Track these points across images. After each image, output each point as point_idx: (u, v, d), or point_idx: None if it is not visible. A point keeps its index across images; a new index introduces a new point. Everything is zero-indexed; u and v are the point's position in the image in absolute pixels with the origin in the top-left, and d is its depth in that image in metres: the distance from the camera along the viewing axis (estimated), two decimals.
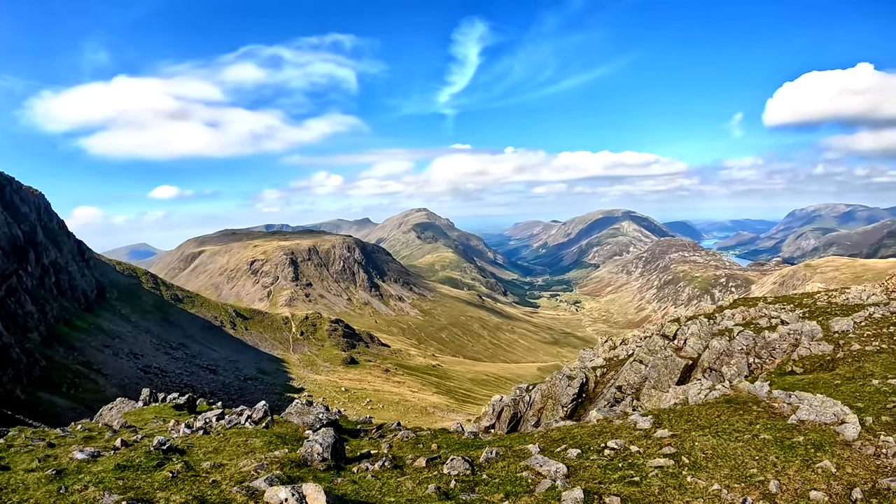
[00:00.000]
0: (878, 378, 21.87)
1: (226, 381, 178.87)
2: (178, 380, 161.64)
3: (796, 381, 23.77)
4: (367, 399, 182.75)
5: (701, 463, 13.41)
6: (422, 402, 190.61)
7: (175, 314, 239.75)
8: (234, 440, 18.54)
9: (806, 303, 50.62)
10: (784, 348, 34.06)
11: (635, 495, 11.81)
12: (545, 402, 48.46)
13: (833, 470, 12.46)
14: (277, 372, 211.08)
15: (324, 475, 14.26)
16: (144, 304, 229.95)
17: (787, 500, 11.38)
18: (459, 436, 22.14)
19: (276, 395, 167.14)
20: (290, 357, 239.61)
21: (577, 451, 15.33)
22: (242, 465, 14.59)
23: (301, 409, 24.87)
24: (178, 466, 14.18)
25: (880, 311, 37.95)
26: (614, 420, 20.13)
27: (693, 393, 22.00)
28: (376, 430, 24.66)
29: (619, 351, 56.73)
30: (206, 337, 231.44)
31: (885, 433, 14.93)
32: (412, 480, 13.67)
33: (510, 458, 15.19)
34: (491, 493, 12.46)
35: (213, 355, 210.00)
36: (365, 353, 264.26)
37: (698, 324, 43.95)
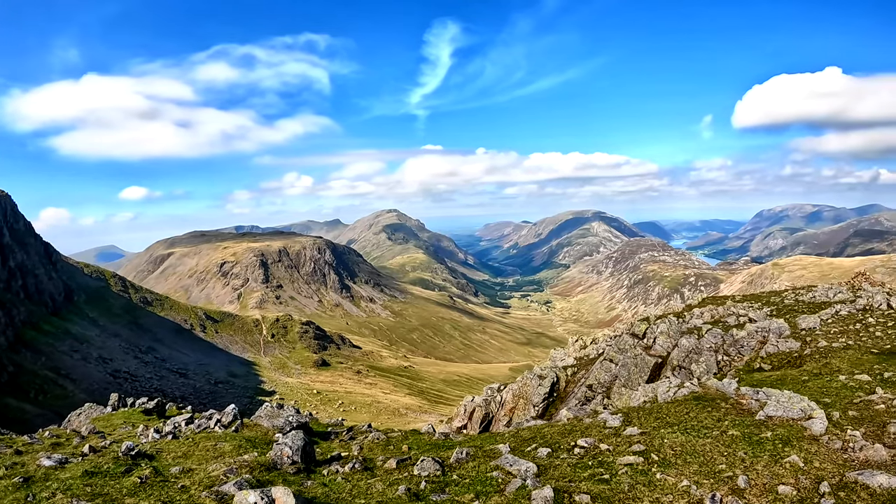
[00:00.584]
0: (844, 374, 22.12)
1: (196, 385, 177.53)
2: (148, 384, 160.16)
3: (764, 378, 23.97)
4: (339, 401, 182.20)
5: (670, 460, 13.44)
6: (394, 403, 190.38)
7: (144, 317, 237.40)
8: (203, 444, 18.34)
9: (773, 301, 51.12)
10: (752, 346, 34.38)
11: (605, 493, 11.81)
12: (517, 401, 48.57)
13: (801, 464, 12.55)
14: (248, 375, 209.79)
15: (293, 478, 14.13)
16: (113, 308, 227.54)
17: (755, 495, 11.43)
18: (430, 437, 22.06)
19: (248, 399, 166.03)
20: (262, 360, 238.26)
21: (548, 450, 15.31)
22: (212, 470, 14.43)
23: (271, 413, 24.67)
24: (146, 472, 13.99)
25: (847, 308, 38.49)
26: (584, 419, 20.15)
27: (662, 391, 22.11)
28: (347, 432, 24.51)
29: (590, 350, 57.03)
30: (176, 340, 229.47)
31: (851, 428, 15.09)
32: (382, 482, 13.58)
33: (480, 458, 15.12)
34: (461, 494, 12.39)
35: (184, 359, 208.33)
36: (336, 354, 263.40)
37: (667, 323, 44.25)
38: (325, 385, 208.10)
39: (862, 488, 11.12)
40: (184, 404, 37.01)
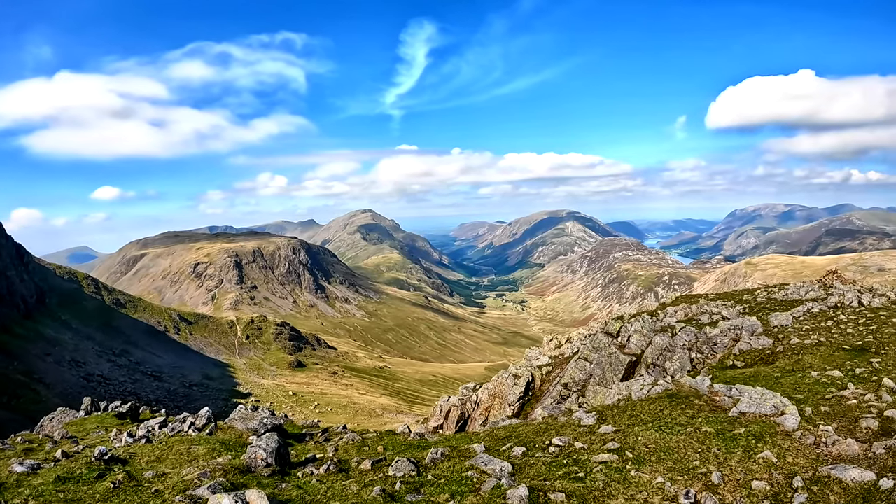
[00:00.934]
0: (816, 370, 22.32)
1: (171, 388, 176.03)
2: (122, 388, 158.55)
3: (737, 375, 24.13)
4: (315, 403, 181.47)
5: (644, 457, 13.50)
6: (370, 404, 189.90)
7: (117, 319, 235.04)
8: (176, 448, 18.21)
9: (746, 299, 51.57)
10: (725, 343, 34.63)
11: (580, 491, 11.83)
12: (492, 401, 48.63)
13: (774, 460, 12.64)
14: (223, 377, 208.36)
15: (268, 481, 14.04)
16: (86, 310, 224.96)
17: (729, 491, 11.51)
18: (406, 437, 22.03)
19: (223, 401, 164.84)
20: (236, 362, 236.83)
21: (523, 449, 15.32)
22: (185, 474, 14.32)
23: (245, 415, 24.54)
24: (119, 477, 13.86)
25: (818, 305, 38.88)
26: (559, 417, 20.19)
27: (636, 389, 22.18)
28: (322, 433, 24.43)
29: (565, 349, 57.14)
30: (150, 343, 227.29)
31: (824, 423, 15.23)
32: (357, 483, 13.51)
33: (455, 458, 15.10)
34: (436, 494, 12.36)
35: (158, 361, 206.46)
36: (312, 356, 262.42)
37: (641, 321, 44.48)
38: (300, 387, 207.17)
39: (835, 482, 11.23)
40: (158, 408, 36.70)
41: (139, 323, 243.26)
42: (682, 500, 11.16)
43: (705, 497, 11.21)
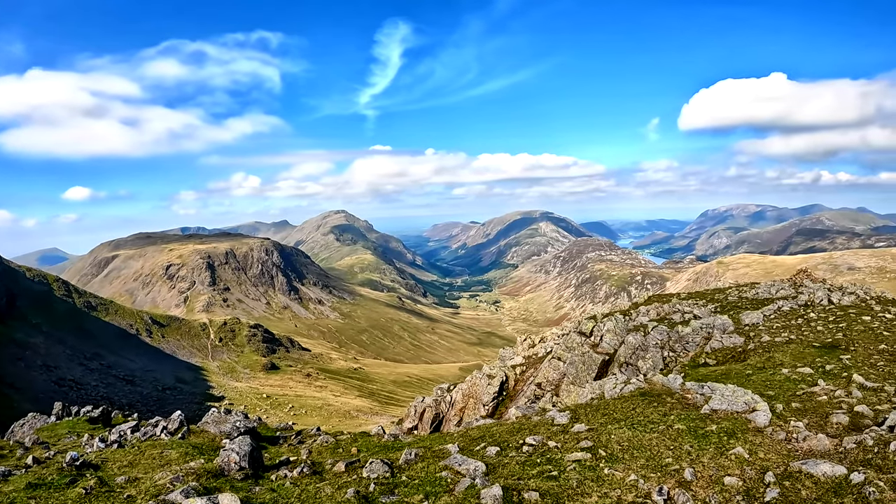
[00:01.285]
0: (787, 367, 22.56)
1: (144, 392, 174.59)
2: (94, 392, 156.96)
3: (709, 373, 24.33)
4: (289, 405, 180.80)
5: (617, 455, 13.54)
6: (345, 406, 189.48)
7: (89, 323, 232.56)
8: (149, 453, 18.03)
9: (718, 298, 51.93)
10: (697, 342, 34.86)
11: (554, 489, 11.83)
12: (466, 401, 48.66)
13: (746, 456, 12.75)
14: (197, 380, 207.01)
15: (241, 484, 13.92)
16: (57, 313, 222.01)
17: (702, 487, 11.57)
18: (380, 438, 21.98)
19: (196, 405, 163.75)
20: (210, 364, 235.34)
21: (497, 449, 15.31)
22: (158, 479, 14.16)
23: (218, 418, 24.35)
24: (91, 482, 13.68)
25: (789, 304, 39.28)
26: (533, 417, 20.22)
27: (609, 387, 22.27)
28: (296, 436, 24.34)
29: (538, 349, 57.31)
30: (122, 346, 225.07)
31: (795, 419, 15.39)
32: (331, 486, 13.43)
33: (430, 459, 15.07)
34: (410, 495, 12.32)
35: (130, 365, 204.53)
36: (286, 358, 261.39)
37: (614, 320, 44.68)
38: (274, 389, 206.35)
39: (806, 477, 11.32)
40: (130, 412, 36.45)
41: (111, 326, 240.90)
42: (656, 496, 11.21)
43: (678, 493, 11.26)
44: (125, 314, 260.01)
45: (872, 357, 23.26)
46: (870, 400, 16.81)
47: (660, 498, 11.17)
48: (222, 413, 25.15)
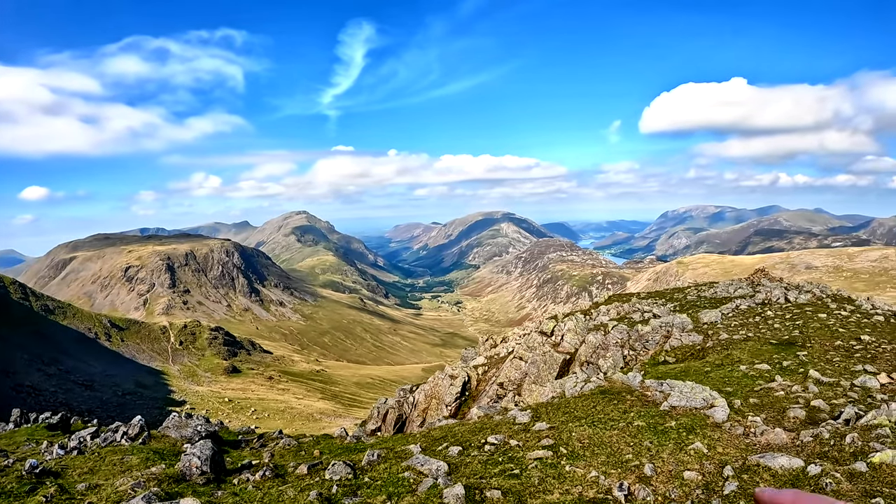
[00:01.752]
0: (745, 364, 22.88)
1: (103, 398, 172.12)
2: (53, 398, 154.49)
3: (668, 371, 24.56)
4: (251, 408, 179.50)
5: (578, 452, 13.65)
6: (307, 408, 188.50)
7: (47, 326, 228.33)
8: (109, 459, 17.79)
9: (677, 297, 52.59)
10: (657, 340, 35.20)
11: (516, 487, 11.90)
12: (429, 402, 48.62)
13: (705, 451, 12.91)
14: (157, 385, 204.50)
15: (203, 489, 13.81)
16: (14, 317, 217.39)
17: (662, 482, 11.70)
18: (342, 440, 21.99)
19: (157, 410, 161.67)
20: (170, 368, 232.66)
21: (459, 449, 15.35)
22: (119, 485, 13.99)
23: (179, 423, 24.12)
24: (51, 490, 13.47)
25: (747, 302, 39.88)
26: (495, 416, 20.29)
27: (570, 386, 22.42)
28: (258, 439, 24.27)
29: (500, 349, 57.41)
30: (81, 350, 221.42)
31: (752, 414, 15.62)
32: (294, 488, 13.37)
33: (392, 460, 15.08)
34: (373, 496, 12.30)
35: (89, 370, 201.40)
36: (247, 360, 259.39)
37: (575, 320, 44.96)
38: (236, 392, 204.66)
39: (764, 470, 11.49)
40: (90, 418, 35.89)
41: (69, 330, 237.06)
42: (616, 492, 11.31)
43: (638, 489, 11.37)
44: (84, 318, 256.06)
45: (828, 353, 23.68)
46: (826, 395, 17.10)
47: (620, 494, 11.26)
48: (183, 417, 24.95)
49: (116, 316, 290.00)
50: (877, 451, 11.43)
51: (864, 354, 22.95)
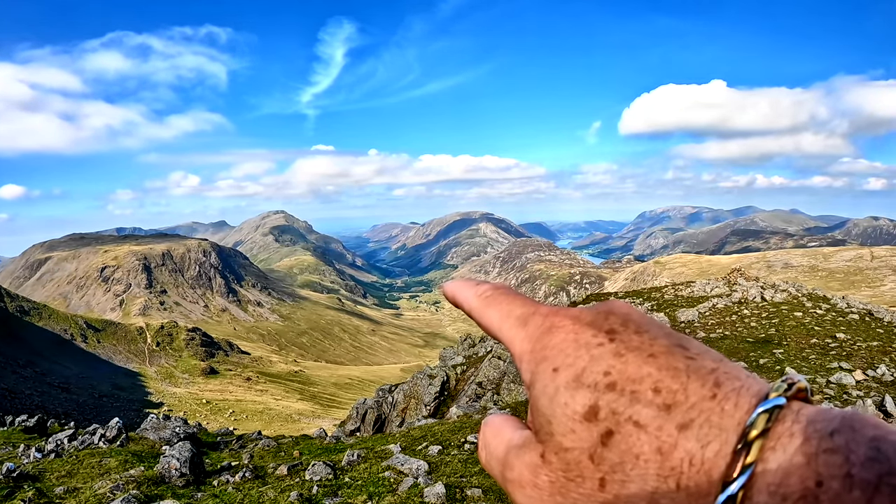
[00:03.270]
0: None
1: (80, 400, 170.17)
2: (29, 401, 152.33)
3: None
4: (230, 410, 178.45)
5: None
6: (286, 409, 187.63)
7: (22, 328, 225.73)
8: (87, 461, 17.69)
9: (654, 296, 52.89)
10: None
11: (496, 486, 12.00)
12: (408, 401, 48.64)
13: None
14: (134, 387, 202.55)
15: (183, 491, 13.80)
16: None
17: None
18: (322, 441, 21.99)
19: (135, 412, 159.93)
20: (147, 370, 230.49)
21: (439, 448, 15.45)
22: (98, 488, 13.94)
23: (157, 424, 24.01)
24: (30, 494, 13.39)
25: (723, 301, 40.18)
26: (474, 415, 20.43)
27: None
28: (237, 440, 24.19)
29: (479, 348, 57.47)
30: (56, 352, 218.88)
31: None
32: (274, 489, 13.41)
33: (372, 460, 15.14)
34: (354, 496, 12.37)
35: (65, 372, 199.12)
36: (225, 362, 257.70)
37: None
38: (214, 394, 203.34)
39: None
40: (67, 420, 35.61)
41: (45, 331, 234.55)
42: None
43: None
44: (59, 319, 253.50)
45: (804, 351, 24.00)
46: None
47: None
48: (161, 419, 24.85)
49: (93, 317, 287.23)
50: None
51: (840, 352, 23.29)
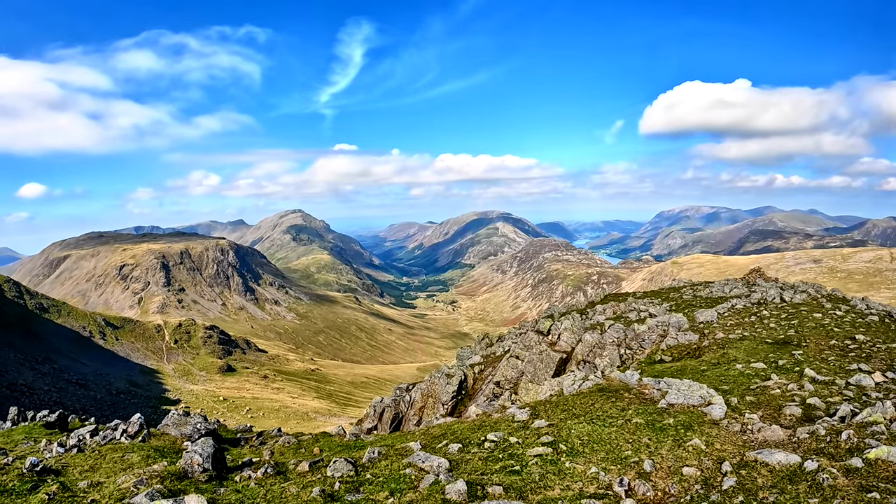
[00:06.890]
0: (741, 363, 23.02)
1: (97, 397, 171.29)
2: (47, 397, 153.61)
3: (665, 369, 24.68)
4: (246, 407, 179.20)
5: (578, 449, 13.76)
6: (302, 407, 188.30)
7: (40, 325, 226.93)
8: (110, 456, 17.79)
9: (673, 297, 52.70)
10: (653, 339, 35.31)
11: (517, 483, 12.01)
12: (426, 400, 48.68)
13: (703, 447, 13.04)
14: (151, 384, 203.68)
15: (206, 486, 13.84)
16: (7, 315, 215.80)
17: (661, 477, 11.83)
18: (341, 438, 22.07)
19: (151, 409, 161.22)
20: (165, 367, 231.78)
21: (459, 446, 15.45)
22: (121, 482, 14.01)
23: (178, 420, 24.14)
24: (53, 488, 13.46)
25: (742, 302, 40.01)
26: (493, 414, 20.40)
27: (568, 384, 22.52)
28: (257, 437, 24.31)
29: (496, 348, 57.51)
30: (74, 349, 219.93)
31: (749, 411, 15.78)
32: (296, 485, 13.43)
33: (393, 457, 15.16)
34: (376, 492, 12.39)
35: (83, 369, 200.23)
36: (242, 359, 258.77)
37: (571, 319, 45.11)
38: (231, 391, 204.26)
39: (762, 466, 11.63)
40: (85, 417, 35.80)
41: (63, 329, 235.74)
42: (616, 487, 11.45)
43: (638, 484, 11.50)
44: (78, 316, 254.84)
45: (823, 352, 23.82)
46: (821, 393, 17.25)
47: (620, 489, 11.41)
48: (182, 416, 24.96)
49: (110, 314, 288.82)
50: (872, 447, 11.58)
51: (859, 353, 23.08)
